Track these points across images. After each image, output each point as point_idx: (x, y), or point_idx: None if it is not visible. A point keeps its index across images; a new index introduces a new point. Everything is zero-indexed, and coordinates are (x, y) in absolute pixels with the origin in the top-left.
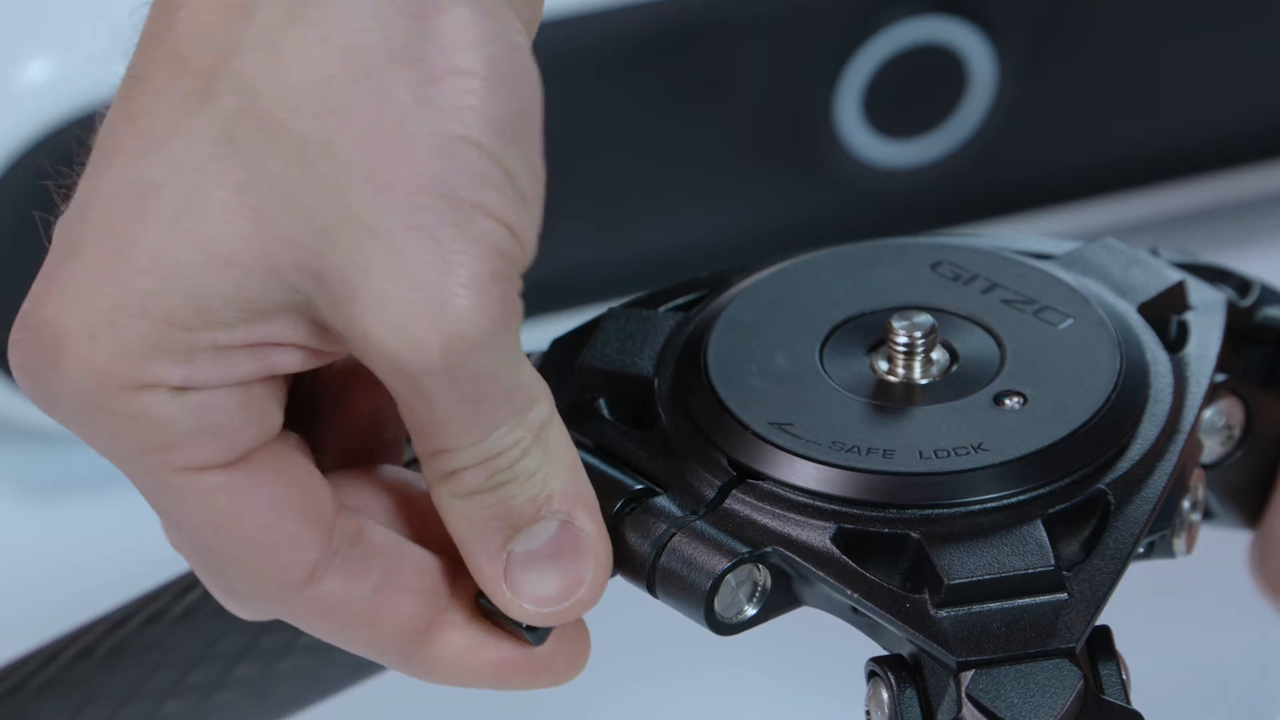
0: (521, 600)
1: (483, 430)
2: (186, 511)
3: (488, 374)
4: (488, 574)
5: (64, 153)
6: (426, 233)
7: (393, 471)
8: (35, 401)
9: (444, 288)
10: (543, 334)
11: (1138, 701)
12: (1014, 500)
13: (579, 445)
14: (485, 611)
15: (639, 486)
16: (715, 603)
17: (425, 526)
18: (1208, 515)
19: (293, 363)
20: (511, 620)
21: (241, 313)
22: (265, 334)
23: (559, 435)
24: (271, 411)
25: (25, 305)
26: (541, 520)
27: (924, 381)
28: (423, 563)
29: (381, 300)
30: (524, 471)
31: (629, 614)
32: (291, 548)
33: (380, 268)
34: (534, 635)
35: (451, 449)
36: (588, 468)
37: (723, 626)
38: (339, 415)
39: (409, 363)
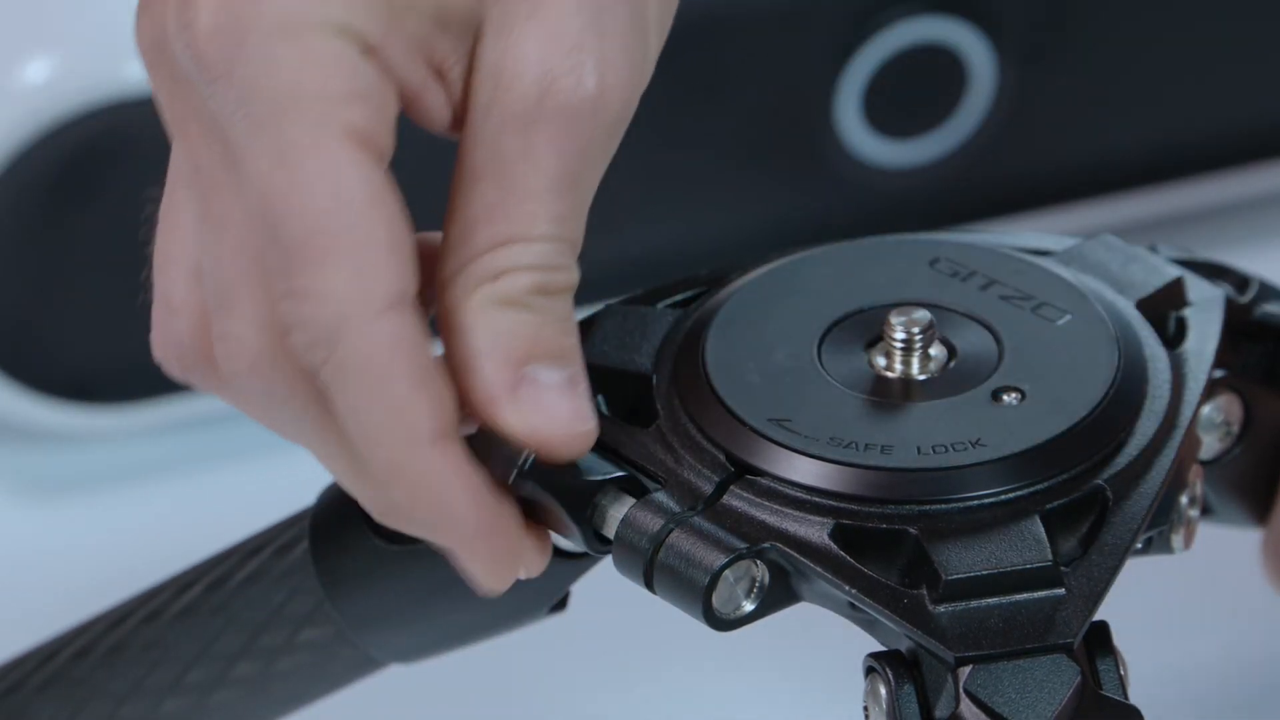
0: (525, 417)
1: (556, 225)
2: (330, 179)
3: (598, 156)
4: (498, 385)
5: (64, 152)
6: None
7: None
8: (212, 39)
9: (610, 45)
10: None
11: (1135, 697)
12: (1012, 496)
13: None
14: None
15: (619, 474)
16: (713, 598)
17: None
18: (1206, 511)
19: (435, 104)
20: (508, 454)
21: (440, 10)
22: (439, 44)
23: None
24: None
25: None
26: (560, 364)
27: (922, 377)
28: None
29: (555, 22)
30: (560, 310)
31: (628, 610)
32: (399, 258)
33: (566, 7)
34: (520, 478)
35: (517, 239)
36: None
37: (721, 622)
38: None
39: (557, 100)
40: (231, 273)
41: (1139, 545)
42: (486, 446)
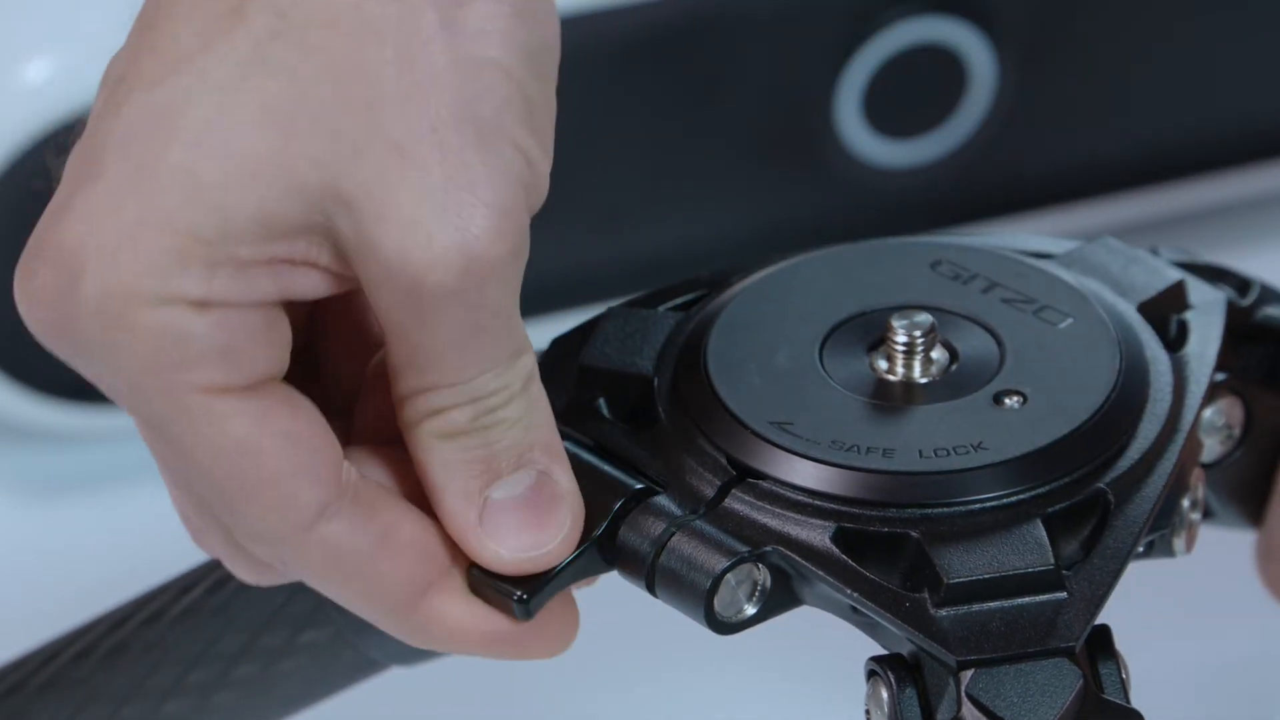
0: (497, 546)
1: (476, 366)
2: (200, 439)
3: (493, 306)
4: (463, 519)
5: (64, 153)
6: (454, 154)
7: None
8: (47, 333)
9: (470, 209)
10: (543, 334)
11: (1137, 701)
12: (1013, 499)
13: (579, 444)
14: (474, 584)
15: (639, 485)
16: (715, 602)
17: (424, 496)
18: (1208, 514)
19: (310, 286)
20: (500, 589)
21: (264, 229)
22: (286, 252)
23: (540, 391)
24: (285, 342)
25: (35, 237)
26: (521, 469)
27: (924, 381)
28: (423, 523)
29: (405, 218)
30: (509, 418)
31: (629, 613)
32: (306, 480)
33: (406, 187)
34: (522, 609)
35: (442, 385)
36: (588, 467)
37: (722, 626)
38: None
39: (425, 281)
40: (184, 508)
41: (1140, 549)
42: None
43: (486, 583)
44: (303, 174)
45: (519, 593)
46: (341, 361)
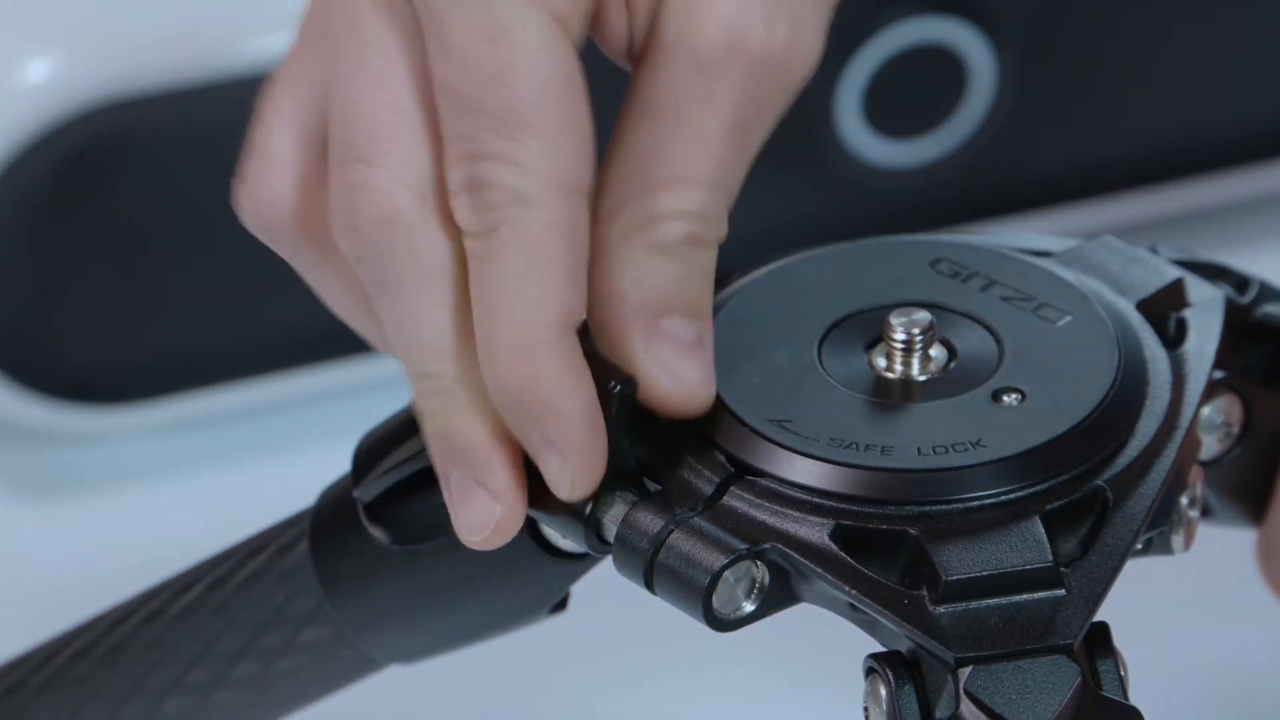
0: (652, 365)
1: (719, 171)
2: (543, 60)
3: (774, 106)
4: (636, 326)
5: (64, 152)
6: None
7: None
8: None
9: (811, 15)
10: None
11: (1136, 698)
12: (1012, 497)
13: None
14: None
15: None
16: (713, 599)
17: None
18: (1206, 512)
19: (616, 24)
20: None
21: None
22: None
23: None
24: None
25: None
26: (695, 317)
27: (922, 378)
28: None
29: None
30: (706, 264)
31: (627, 610)
32: (588, 146)
33: None
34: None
35: (680, 181)
36: None
37: (721, 623)
38: None
39: (749, 35)
40: (391, 125)
41: (1139, 546)
42: None
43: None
44: None
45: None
46: None
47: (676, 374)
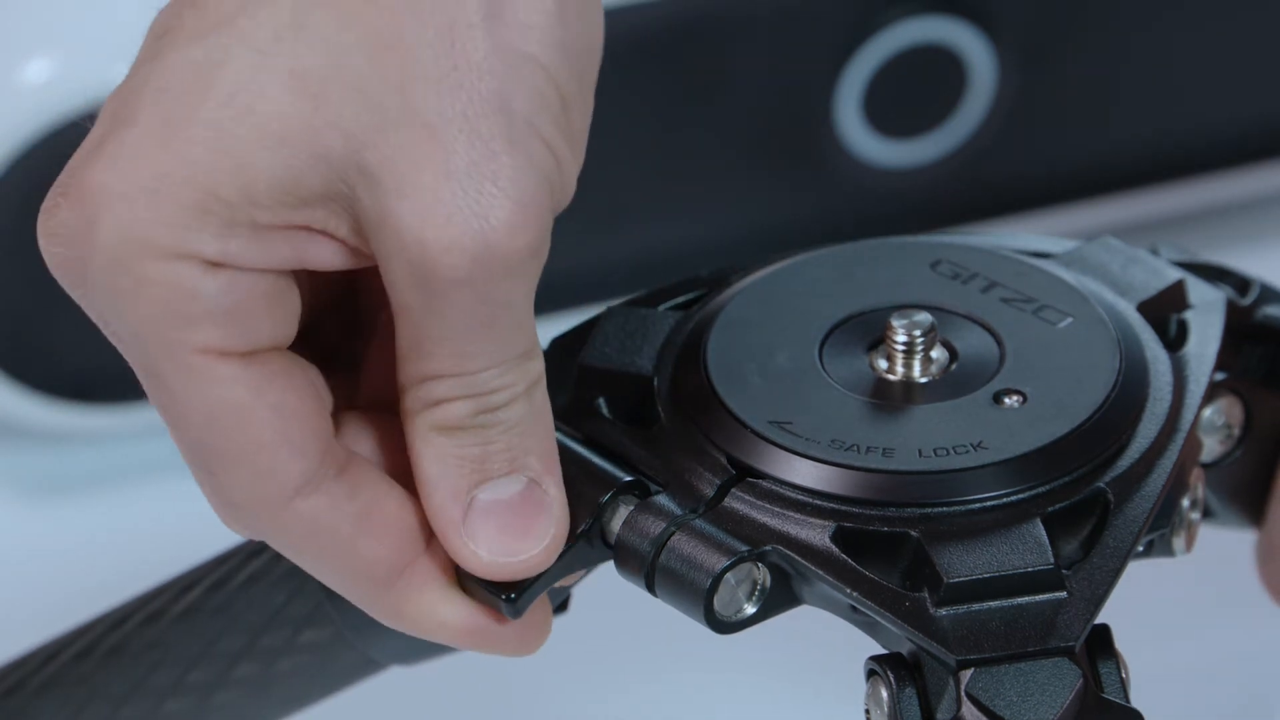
0: (477, 548)
1: (481, 360)
2: (196, 398)
3: (504, 300)
4: (448, 515)
5: (64, 153)
6: (483, 142)
7: (383, 419)
8: (59, 269)
9: (492, 198)
10: (543, 334)
11: (1137, 700)
12: (1013, 499)
13: (572, 438)
14: (462, 578)
15: (628, 479)
16: (715, 601)
17: (410, 475)
18: (1207, 514)
19: (325, 257)
20: (489, 591)
21: (285, 194)
22: (304, 219)
23: (545, 399)
24: (293, 312)
25: (63, 175)
26: (513, 474)
27: (923, 380)
28: (405, 503)
29: (426, 198)
30: (509, 420)
31: (629, 613)
32: (290, 452)
33: (431, 167)
34: (510, 608)
35: (445, 375)
36: (579, 459)
37: (722, 625)
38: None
39: (438, 265)
40: (190, 459)
41: (1140, 548)
42: None
43: (473, 579)
44: (329, 142)
45: (508, 593)
46: (356, 328)
47: (500, 546)
